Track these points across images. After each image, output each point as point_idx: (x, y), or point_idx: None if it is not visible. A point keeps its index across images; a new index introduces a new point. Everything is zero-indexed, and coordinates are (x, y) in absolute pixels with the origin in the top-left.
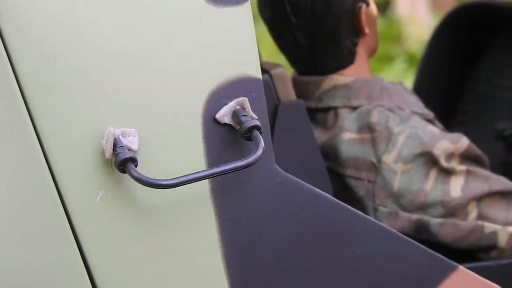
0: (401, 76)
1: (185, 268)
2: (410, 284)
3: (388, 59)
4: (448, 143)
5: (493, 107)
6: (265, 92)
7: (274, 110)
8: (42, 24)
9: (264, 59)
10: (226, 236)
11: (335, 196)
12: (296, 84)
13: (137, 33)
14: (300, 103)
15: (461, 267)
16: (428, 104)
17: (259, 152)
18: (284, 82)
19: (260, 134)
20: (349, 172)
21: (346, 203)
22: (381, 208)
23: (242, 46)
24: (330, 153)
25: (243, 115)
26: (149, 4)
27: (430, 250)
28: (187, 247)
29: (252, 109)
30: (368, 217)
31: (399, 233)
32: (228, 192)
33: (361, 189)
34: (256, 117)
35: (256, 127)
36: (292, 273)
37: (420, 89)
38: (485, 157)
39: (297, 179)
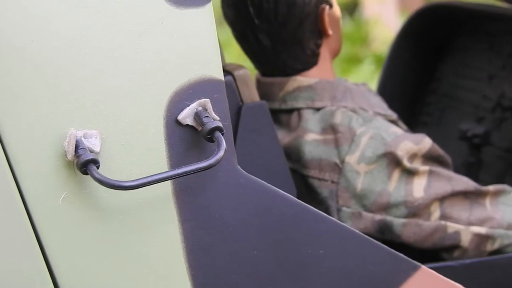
0: (369, 77)
1: (148, 269)
2: (373, 284)
3: (357, 61)
4: (411, 143)
5: (457, 108)
6: (228, 93)
7: (237, 111)
8: (2, 25)
9: (233, 62)
10: (189, 237)
11: (298, 197)
12: (259, 85)
13: (99, 34)
14: (263, 104)
15: (423, 267)
16: (392, 105)
17: (221, 153)
18: (247, 84)
19: (222, 135)
20: (313, 173)
21: (309, 203)
22: (344, 209)
23: (204, 47)
24: (293, 154)
25: (205, 117)
26: (110, 5)
27: (393, 250)
28: (149, 248)
29: (214, 111)
30: (330, 217)
31: (362, 234)
32: (191, 193)
33: (324, 189)
34: (218, 118)
35: (218, 129)
36: (255, 273)
37: (384, 90)
38: (448, 158)
39: (259, 180)
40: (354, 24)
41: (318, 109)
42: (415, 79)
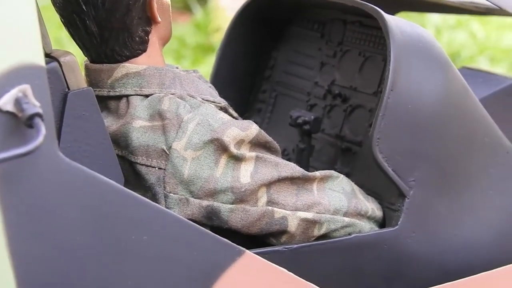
0: None
1: None
2: (197, 270)
3: (210, 50)
4: (238, 130)
5: (290, 95)
6: (54, 80)
7: (63, 98)
8: None
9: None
10: (11, 224)
11: (126, 183)
12: (88, 72)
13: None
14: (89, 91)
15: (248, 252)
16: (226, 92)
17: (40, 139)
18: (74, 70)
19: (42, 121)
20: (140, 159)
21: (137, 190)
22: (171, 195)
23: (24, 33)
24: (121, 141)
25: (25, 103)
26: None
27: (217, 236)
28: None
29: (35, 97)
30: (154, 204)
31: (185, 219)
32: (12, 180)
33: (151, 176)
34: (39, 105)
35: (37, 115)
36: (80, 260)
37: (218, 77)
38: (275, 144)
39: (82, 167)
40: (207, 14)
41: (146, 96)
42: (249, 67)
